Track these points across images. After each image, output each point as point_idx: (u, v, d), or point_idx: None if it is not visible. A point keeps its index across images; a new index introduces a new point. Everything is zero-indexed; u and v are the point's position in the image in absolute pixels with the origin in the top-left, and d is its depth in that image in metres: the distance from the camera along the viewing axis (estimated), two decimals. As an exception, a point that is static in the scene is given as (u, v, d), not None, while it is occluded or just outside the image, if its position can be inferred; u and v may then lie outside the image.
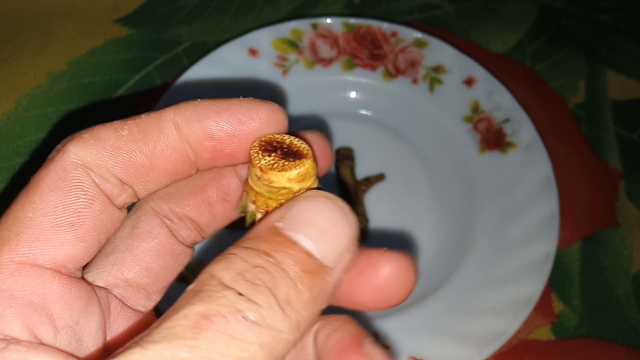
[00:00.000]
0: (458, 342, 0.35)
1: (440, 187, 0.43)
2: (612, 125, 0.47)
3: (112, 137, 0.18)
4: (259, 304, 0.15)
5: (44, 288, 0.16)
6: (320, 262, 0.16)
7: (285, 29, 0.46)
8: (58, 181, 0.17)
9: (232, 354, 0.14)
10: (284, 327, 0.15)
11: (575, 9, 0.54)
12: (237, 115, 0.19)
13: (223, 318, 0.14)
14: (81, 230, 0.17)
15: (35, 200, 0.17)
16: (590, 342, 0.38)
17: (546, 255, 0.37)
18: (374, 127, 0.45)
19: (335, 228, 0.17)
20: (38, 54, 0.47)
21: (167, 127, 0.18)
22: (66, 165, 0.17)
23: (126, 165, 0.18)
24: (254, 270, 0.15)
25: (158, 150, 0.18)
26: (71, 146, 0.18)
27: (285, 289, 0.15)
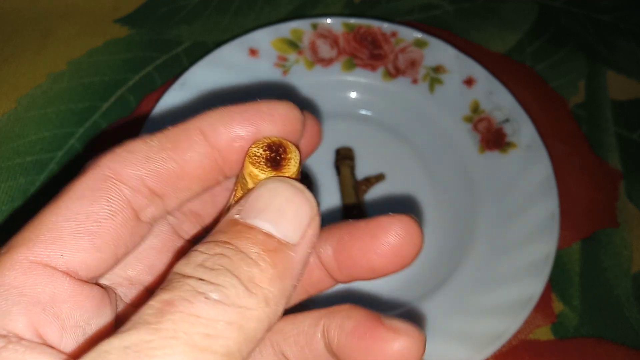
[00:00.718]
0: (458, 342, 0.35)
1: (440, 187, 0.43)
2: (612, 125, 0.47)
3: (143, 148, 0.19)
4: (221, 284, 0.15)
5: (54, 288, 0.17)
6: (281, 239, 0.17)
7: (285, 29, 0.46)
8: (86, 190, 0.18)
9: (197, 331, 0.14)
10: (251, 303, 0.15)
11: (575, 9, 0.54)
12: (259, 114, 0.20)
13: (186, 301, 0.15)
14: (99, 240, 0.17)
15: (60, 207, 0.17)
16: (590, 342, 0.38)
17: (546, 255, 0.37)
18: (374, 127, 0.45)
19: (292, 206, 0.17)
20: (38, 54, 0.47)
21: (194, 135, 0.19)
22: (96, 177, 0.18)
23: (158, 173, 0.18)
24: (213, 258, 0.16)
25: (187, 156, 0.19)
26: (103, 159, 0.18)
27: (246, 268, 0.16)
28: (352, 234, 0.21)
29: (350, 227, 0.21)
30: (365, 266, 0.21)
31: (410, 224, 0.20)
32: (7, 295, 0.16)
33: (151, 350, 0.13)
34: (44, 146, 0.42)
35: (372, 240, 0.20)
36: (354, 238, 0.21)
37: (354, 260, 0.21)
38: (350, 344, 0.20)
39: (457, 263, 0.39)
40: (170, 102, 0.42)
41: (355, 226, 0.21)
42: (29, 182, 0.41)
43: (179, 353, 0.13)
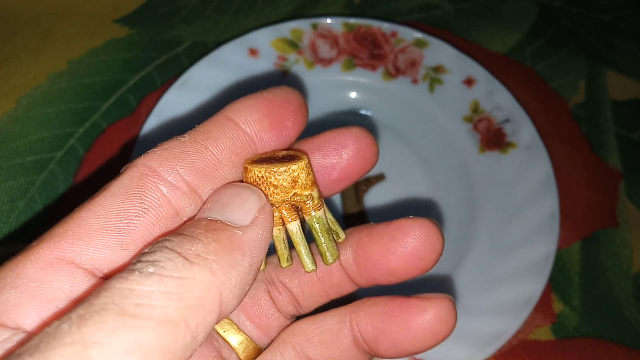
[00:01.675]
0: (458, 342, 0.35)
1: (440, 187, 0.43)
2: (612, 125, 0.47)
3: (176, 144, 0.19)
4: (157, 260, 0.15)
5: (72, 286, 0.17)
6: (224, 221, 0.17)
7: (285, 29, 0.46)
8: (120, 188, 0.18)
9: (130, 302, 0.14)
10: (193, 273, 0.15)
11: (575, 9, 0.54)
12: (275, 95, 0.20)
13: (121, 278, 0.15)
14: (127, 238, 0.17)
15: (93, 204, 0.17)
16: (590, 342, 0.38)
17: (546, 255, 0.37)
18: (374, 127, 0.45)
19: (237, 199, 0.18)
20: (38, 54, 0.47)
21: (223, 122, 0.19)
22: (133, 175, 0.18)
23: (194, 165, 0.18)
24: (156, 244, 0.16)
25: (221, 143, 0.19)
26: (139, 159, 0.18)
27: (187, 244, 0.16)
28: (371, 235, 0.21)
29: (370, 229, 0.21)
30: (384, 269, 0.21)
31: (430, 227, 0.20)
32: (24, 289, 0.16)
33: (82, 321, 0.13)
34: (44, 146, 0.42)
35: (392, 242, 0.20)
36: (373, 240, 0.21)
37: (373, 263, 0.21)
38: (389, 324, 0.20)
39: (457, 263, 0.39)
40: (170, 102, 0.42)
41: (374, 228, 0.21)
42: (29, 182, 0.41)
43: (109, 320, 0.14)
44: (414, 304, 0.20)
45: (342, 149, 0.21)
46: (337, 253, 0.21)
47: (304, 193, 0.20)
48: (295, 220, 0.20)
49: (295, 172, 0.19)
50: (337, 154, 0.21)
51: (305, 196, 0.20)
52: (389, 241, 0.20)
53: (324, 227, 0.21)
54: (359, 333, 0.21)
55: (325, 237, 0.21)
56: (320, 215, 0.20)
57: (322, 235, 0.21)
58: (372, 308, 0.21)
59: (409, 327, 0.20)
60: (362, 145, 0.21)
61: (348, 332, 0.21)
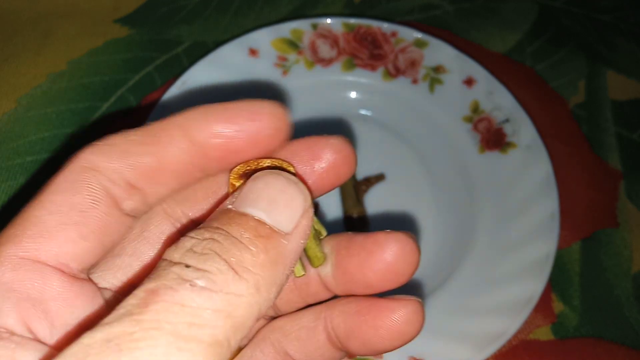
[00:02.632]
0: (458, 342, 0.35)
1: (440, 187, 0.43)
2: (612, 125, 0.47)
3: (122, 142, 0.18)
4: (208, 270, 0.15)
5: (43, 284, 0.16)
6: (273, 227, 0.17)
7: (285, 29, 0.46)
8: (67, 183, 0.18)
9: (182, 321, 0.14)
10: (240, 289, 0.15)
11: (575, 9, 0.54)
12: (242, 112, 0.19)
13: (170, 289, 0.14)
14: (85, 229, 0.17)
15: (43, 201, 0.17)
16: (590, 342, 0.38)
17: (546, 255, 0.37)
18: (374, 127, 0.45)
19: (285, 196, 0.17)
20: (38, 54, 0.47)
21: (175, 131, 0.19)
22: (76, 169, 0.18)
23: (135, 167, 0.18)
24: (203, 243, 0.16)
25: (167, 152, 0.19)
26: (83, 153, 0.18)
27: (236, 252, 0.15)
28: (349, 248, 0.21)
29: (348, 242, 0.21)
30: (361, 282, 0.21)
31: (406, 241, 0.20)
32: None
33: (133, 343, 0.13)
34: (44, 146, 0.42)
35: (368, 257, 0.20)
36: (351, 254, 0.21)
37: (350, 276, 0.21)
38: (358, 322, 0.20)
39: (457, 263, 0.39)
40: (170, 102, 0.42)
41: (352, 240, 0.21)
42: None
43: (162, 345, 0.13)
44: (383, 305, 0.21)
45: (316, 160, 0.20)
46: (323, 256, 0.21)
47: None
48: None
49: None
50: (309, 165, 0.20)
51: None
52: (366, 256, 0.20)
53: (314, 232, 0.20)
54: (332, 330, 0.22)
55: (313, 241, 0.20)
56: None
57: (312, 240, 0.20)
58: (345, 306, 0.21)
59: (377, 326, 0.21)
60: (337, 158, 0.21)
61: (322, 330, 0.22)
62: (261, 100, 0.20)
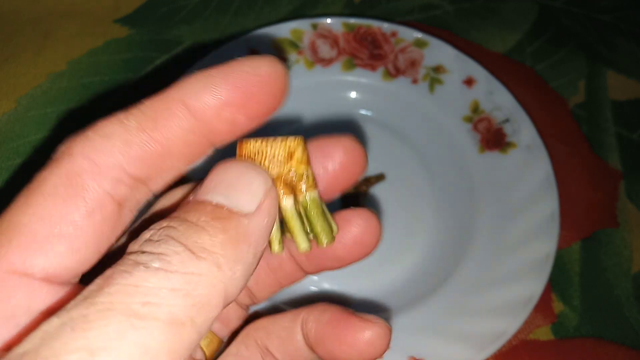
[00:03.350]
0: (458, 342, 0.35)
1: (440, 187, 0.43)
2: (612, 125, 0.47)
3: (120, 131, 0.17)
4: (163, 252, 0.15)
5: (29, 300, 0.16)
6: (231, 208, 0.16)
7: (285, 29, 0.46)
8: (60, 187, 0.16)
9: (136, 301, 0.13)
10: (200, 269, 0.15)
11: (575, 9, 0.54)
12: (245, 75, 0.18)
13: (124, 272, 0.14)
14: (77, 243, 0.16)
15: (32, 205, 0.16)
16: (590, 342, 0.38)
17: (546, 255, 0.37)
18: (374, 127, 0.45)
19: (242, 180, 0.17)
20: (38, 54, 0.47)
21: (176, 108, 0.17)
22: (71, 170, 0.16)
23: (140, 158, 0.17)
24: (160, 232, 0.15)
25: (171, 134, 0.17)
26: (77, 147, 0.16)
27: (193, 235, 0.15)
28: None
29: None
30: (331, 255, 0.22)
31: (370, 216, 0.22)
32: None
33: (86, 324, 0.13)
34: (44, 146, 0.42)
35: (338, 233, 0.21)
36: None
37: (321, 251, 0.22)
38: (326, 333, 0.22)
39: (457, 263, 0.39)
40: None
41: None
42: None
43: (115, 322, 0.13)
44: (353, 322, 0.22)
45: (328, 160, 0.21)
46: (331, 235, 0.20)
47: (300, 166, 0.19)
48: (290, 195, 0.19)
49: (292, 146, 0.19)
50: (321, 165, 0.21)
51: (301, 173, 0.19)
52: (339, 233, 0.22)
53: (318, 208, 0.20)
54: (306, 334, 0.23)
55: (320, 218, 0.20)
56: (315, 196, 0.20)
57: (318, 215, 0.20)
58: (320, 314, 0.22)
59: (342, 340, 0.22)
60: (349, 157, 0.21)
61: (299, 332, 0.23)
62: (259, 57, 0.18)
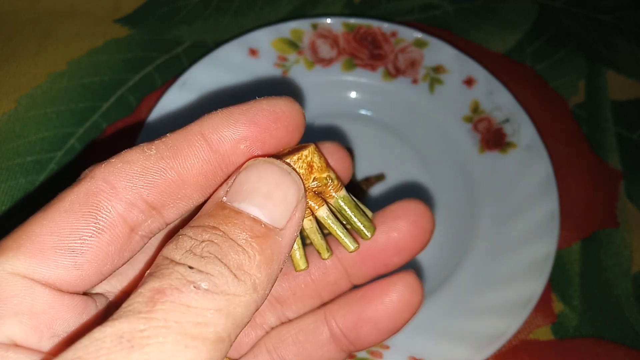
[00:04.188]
0: (458, 342, 0.35)
1: (440, 187, 0.43)
2: (612, 125, 0.47)
3: (140, 158, 0.18)
4: (210, 273, 0.15)
5: (32, 300, 0.16)
6: (269, 225, 0.17)
7: (285, 29, 0.46)
8: (76, 204, 0.17)
9: (188, 320, 0.14)
10: (240, 290, 0.16)
11: (575, 9, 0.54)
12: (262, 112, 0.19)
13: (176, 290, 0.15)
14: (81, 259, 0.17)
15: (47, 218, 0.17)
16: (590, 342, 0.38)
17: (546, 255, 0.37)
18: (374, 127, 0.45)
19: (279, 190, 0.17)
20: (38, 54, 0.47)
21: (195, 140, 0.18)
22: (90, 190, 0.17)
23: (156, 184, 0.18)
24: (202, 245, 0.16)
25: (188, 164, 0.18)
26: (98, 171, 0.17)
27: (234, 256, 0.16)
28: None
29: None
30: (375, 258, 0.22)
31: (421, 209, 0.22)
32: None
33: (144, 339, 0.14)
34: (44, 146, 0.42)
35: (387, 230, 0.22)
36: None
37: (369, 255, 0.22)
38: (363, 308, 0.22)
39: (457, 263, 0.39)
40: (170, 102, 0.42)
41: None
42: (29, 182, 0.41)
43: (171, 342, 0.14)
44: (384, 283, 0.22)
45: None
46: (373, 226, 0.21)
47: (322, 176, 0.20)
48: (323, 205, 0.20)
49: (309, 157, 0.19)
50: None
51: (324, 178, 0.20)
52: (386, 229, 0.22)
53: (352, 204, 0.20)
54: (337, 327, 0.22)
55: (357, 213, 0.20)
56: (345, 194, 0.20)
57: (353, 212, 0.20)
58: (346, 299, 0.22)
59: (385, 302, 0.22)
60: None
61: (324, 329, 0.22)
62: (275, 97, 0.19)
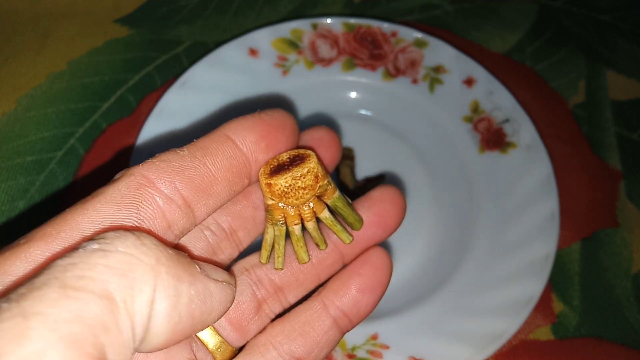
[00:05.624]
0: (458, 342, 0.35)
1: (440, 187, 0.43)
2: (612, 125, 0.47)
3: (175, 158, 0.19)
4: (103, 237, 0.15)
5: None
6: None
7: (285, 29, 0.46)
8: (117, 196, 0.18)
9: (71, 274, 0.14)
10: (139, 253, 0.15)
11: (575, 9, 0.54)
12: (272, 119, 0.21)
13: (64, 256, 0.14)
14: None
15: (88, 208, 0.17)
16: (590, 342, 0.38)
17: (546, 255, 0.37)
18: (374, 127, 0.45)
19: None
20: (38, 54, 0.47)
21: (222, 139, 0.20)
22: (130, 184, 0.18)
23: (191, 180, 0.19)
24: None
25: (218, 160, 0.20)
26: (137, 168, 0.18)
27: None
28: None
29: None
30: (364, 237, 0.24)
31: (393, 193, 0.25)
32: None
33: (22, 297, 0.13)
34: (44, 146, 0.42)
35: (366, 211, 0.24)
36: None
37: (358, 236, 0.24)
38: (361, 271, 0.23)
39: (457, 263, 0.39)
40: (170, 102, 0.42)
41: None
42: (29, 182, 0.41)
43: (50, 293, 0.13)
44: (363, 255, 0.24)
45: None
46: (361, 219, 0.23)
47: (324, 182, 0.21)
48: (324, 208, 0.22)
49: (315, 169, 0.21)
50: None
51: (325, 184, 0.22)
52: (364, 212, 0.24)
53: (345, 202, 0.23)
54: (338, 309, 0.23)
55: (349, 209, 0.23)
56: (339, 195, 0.23)
57: (347, 209, 0.23)
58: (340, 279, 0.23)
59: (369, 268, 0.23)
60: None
61: (326, 316, 0.23)
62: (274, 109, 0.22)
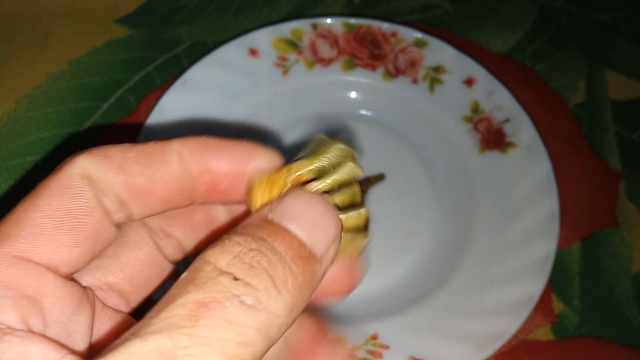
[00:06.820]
0: (458, 342, 0.35)
1: (440, 187, 0.43)
2: (612, 125, 0.47)
3: (119, 157, 0.19)
4: (255, 287, 0.15)
5: (38, 282, 0.17)
6: (312, 250, 0.17)
7: (285, 29, 0.46)
8: (63, 188, 0.18)
9: (230, 339, 0.14)
10: (280, 310, 0.15)
11: (575, 9, 0.54)
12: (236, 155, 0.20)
13: (220, 304, 0.14)
14: (79, 236, 0.18)
15: (39, 204, 0.17)
16: (590, 342, 0.38)
17: (546, 255, 0.37)
18: (374, 127, 0.45)
19: (323, 221, 0.18)
20: (38, 54, 0.47)
21: (170, 156, 0.19)
22: (72, 175, 0.18)
23: (127, 185, 0.19)
24: (250, 254, 0.16)
25: (158, 176, 0.19)
26: (79, 159, 0.18)
27: (282, 271, 0.16)
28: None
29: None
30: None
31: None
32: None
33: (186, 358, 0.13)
34: (44, 146, 0.42)
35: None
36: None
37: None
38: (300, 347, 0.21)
39: (457, 263, 0.39)
40: (170, 102, 0.42)
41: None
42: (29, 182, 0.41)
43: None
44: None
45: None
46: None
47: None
48: None
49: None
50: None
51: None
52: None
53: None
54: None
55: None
56: None
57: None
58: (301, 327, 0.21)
59: None
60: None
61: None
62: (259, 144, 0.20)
